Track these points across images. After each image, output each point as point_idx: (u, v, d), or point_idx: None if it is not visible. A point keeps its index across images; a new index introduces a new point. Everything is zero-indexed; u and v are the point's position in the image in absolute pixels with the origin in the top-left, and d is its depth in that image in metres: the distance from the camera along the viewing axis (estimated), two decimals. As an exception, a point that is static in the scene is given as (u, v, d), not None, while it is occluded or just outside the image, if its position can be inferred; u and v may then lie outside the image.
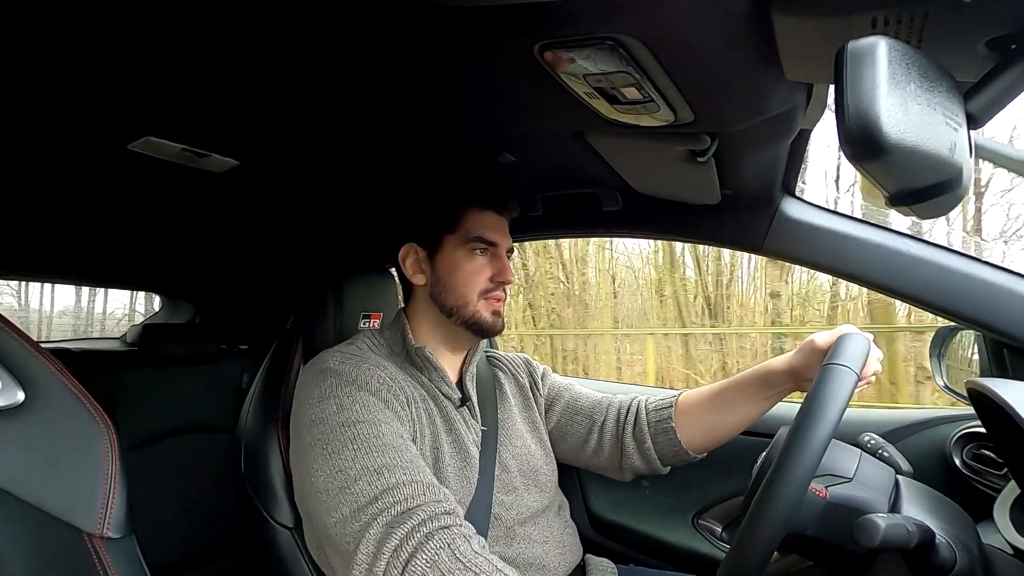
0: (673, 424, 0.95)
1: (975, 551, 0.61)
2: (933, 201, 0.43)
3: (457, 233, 0.89)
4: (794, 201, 1.05)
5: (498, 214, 0.92)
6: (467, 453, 0.86)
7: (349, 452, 0.70)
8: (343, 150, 0.92)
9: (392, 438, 0.72)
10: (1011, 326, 0.89)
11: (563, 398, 1.05)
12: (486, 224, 0.90)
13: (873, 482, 0.66)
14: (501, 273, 0.89)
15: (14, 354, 0.57)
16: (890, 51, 0.37)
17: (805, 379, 0.87)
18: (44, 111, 0.73)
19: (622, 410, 1.01)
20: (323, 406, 0.75)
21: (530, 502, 0.92)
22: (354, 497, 0.66)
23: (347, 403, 0.75)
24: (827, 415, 0.58)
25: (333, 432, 0.72)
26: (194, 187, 1.03)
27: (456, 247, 0.89)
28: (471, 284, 0.88)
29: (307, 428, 0.75)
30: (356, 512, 0.65)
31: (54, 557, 0.54)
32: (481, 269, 0.88)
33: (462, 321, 0.88)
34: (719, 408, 0.93)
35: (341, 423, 0.73)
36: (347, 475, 0.68)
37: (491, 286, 0.89)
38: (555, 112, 0.72)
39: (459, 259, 0.88)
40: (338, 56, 0.61)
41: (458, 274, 0.88)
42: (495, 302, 0.90)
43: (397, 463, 0.69)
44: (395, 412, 0.77)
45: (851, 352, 0.64)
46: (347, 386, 0.77)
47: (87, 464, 0.58)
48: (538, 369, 1.10)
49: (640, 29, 0.50)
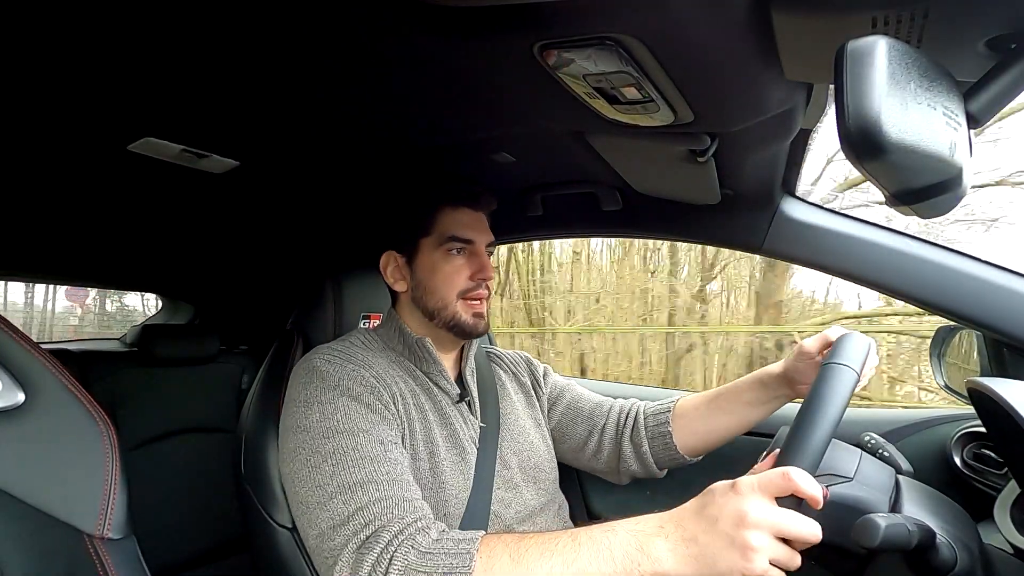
0: (670, 428, 0.96)
1: (975, 551, 0.61)
2: (933, 200, 0.44)
3: (432, 235, 0.88)
4: (794, 201, 1.05)
5: (472, 210, 0.90)
6: (463, 449, 0.86)
7: (328, 467, 0.71)
8: (342, 150, 0.92)
9: (371, 448, 0.73)
10: (1011, 326, 0.89)
11: (564, 398, 1.05)
12: (461, 222, 0.89)
13: (873, 482, 0.66)
14: (480, 271, 0.89)
15: (14, 355, 0.57)
16: (890, 51, 0.37)
17: (798, 383, 0.88)
18: (44, 112, 0.73)
19: (622, 415, 1.02)
20: (307, 412, 0.76)
21: (530, 499, 0.92)
22: (330, 514, 0.69)
23: (329, 411, 0.76)
24: (827, 414, 0.58)
25: (315, 443, 0.74)
26: (194, 188, 1.03)
27: (432, 249, 0.88)
28: (450, 285, 0.87)
29: (292, 432, 0.77)
30: (332, 529, 0.68)
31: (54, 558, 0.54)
32: (459, 269, 0.88)
33: (443, 323, 0.88)
34: (714, 413, 0.94)
35: (323, 433, 0.74)
36: (325, 491, 0.70)
37: (471, 285, 0.88)
38: (555, 112, 0.72)
39: (436, 261, 0.88)
40: (338, 56, 0.61)
41: (436, 276, 0.88)
42: (475, 303, 0.89)
43: (372, 478, 0.70)
44: (379, 414, 0.78)
45: (851, 351, 0.64)
46: (330, 391, 0.77)
47: (87, 465, 0.58)
48: (539, 368, 1.10)
49: (640, 29, 0.50)
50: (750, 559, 0.53)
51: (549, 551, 0.60)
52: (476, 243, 0.89)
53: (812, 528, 0.55)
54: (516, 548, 0.61)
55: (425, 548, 0.63)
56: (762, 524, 0.54)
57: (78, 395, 0.59)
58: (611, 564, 0.57)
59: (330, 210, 1.26)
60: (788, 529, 0.54)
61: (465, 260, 0.89)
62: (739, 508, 0.55)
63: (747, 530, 0.54)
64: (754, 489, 0.56)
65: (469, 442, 0.88)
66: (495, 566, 0.60)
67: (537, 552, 0.60)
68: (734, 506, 0.55)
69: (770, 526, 0.54)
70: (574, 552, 0.59)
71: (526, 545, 0.61)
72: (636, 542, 0.58)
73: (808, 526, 0.55)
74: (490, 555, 0.61)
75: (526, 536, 0.63)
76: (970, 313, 0.92)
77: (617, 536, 0.59)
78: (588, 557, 0.58)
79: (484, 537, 0.63)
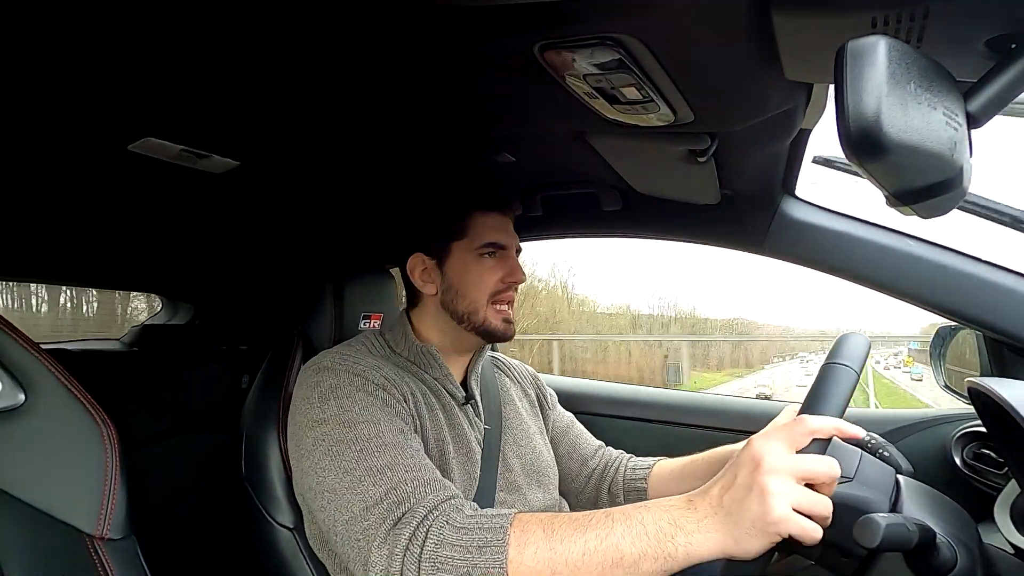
0: (645, 486, 1.00)
1: (975, 551, 0.61)
2: (933, 200, 0.43)
3: (466, 239, 0.89)
4: (794, 201, 1.05)
5: (502, 215, 0.92)
6: (470, 449, 0.87)
7: (353, 453, 0.71)
8: (342, 150, 0.92)
9: (392, 436, 0.73)
10: (1011, 326, 0.89)
11: (568, 435, 1.09)
12: (493, 227, 0.90)
13: (874, 482, 0.66)
14: (512, 274, 0.90)
15: (14, 355, 0.57)
16: (890, 51, 0.37)
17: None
18: (44, 112, 0.73)
19: (609, 466, 1.06)
20: (324, 406, 0.76)
21: (533, 501, 0.92)
22: (361, 496, 0.68)
23: (347, 404, 0.75)
24: (827, 414, 0.58)
25: (336, 432, 0.73)
26: (194, 188, 1.03)
27: (465, 252, 0.89)
28: (482, 288, 0.88)
29: (309, 428, 0.76)
30: (364, 511, 0.67)
31: (54, 558, 0.54)
32: (491, 271, 0.89)
33: (473, 327, 0.89)
34: (687, 479, 0.96)
35: (343, 423, 0.73)
36: (353, 476, 0.69)
37: (502, 287, 0.89)
38: (555, 112, 0.72)
39: (469, 264, 0.89)
40: (338, 56, 0.61)
41: (469, 279, 0.88)
42: (505, 306, 0.90)
43: (398, 461, 0.70)
44: (393, 409, 0.78)
45: (850, 351, 0.64)
46: (346, 386, 0.77)
47: (87, 465, 0.58)
48: (547, 391, 1.12)
49: (640, 29, 0.50)
50: (768, 504, 0.52)
51: (583, 526, 0.60)
52: (508, 248, 0.91)
53: (830, 464, 0.54)
54: (549, 524, 0.61)
55: (460, 524, 0.63)
56: (778, 467, 0.53)
57: (78, 395, 0.59)
58: (644, 539, 0.57)
59: (330, 210, 1.26)
60: (806, 468, 0.53)
61: (496, 263, 0.90)
62: (753, 455, 0.55)
63: (763, 475, 0.53)
64: (768, 437, 0.56)
65: (475, 443, 0.89)
66: (529, 540, 0.60)
67: (571, 527, 0.60)
68: (748, 454, 0.55)
69: (787, 467, 0.53)
70: (607, 527, 0.59)
71: (560, 521, 0.61)
72: (669, 517, 0.57)
73: (826, 463, 0.54)
74: (523, 530, 0.61)
75: (559, 514, 0.64)
76: (970, 313, 0.92)
77: (650, 512, 0.59)
78: (622, 532, 0.58)
79: (517, 514, 0.63)
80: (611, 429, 1.41)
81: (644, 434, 1.38)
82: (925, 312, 0.98)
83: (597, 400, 1.47)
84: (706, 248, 1.16)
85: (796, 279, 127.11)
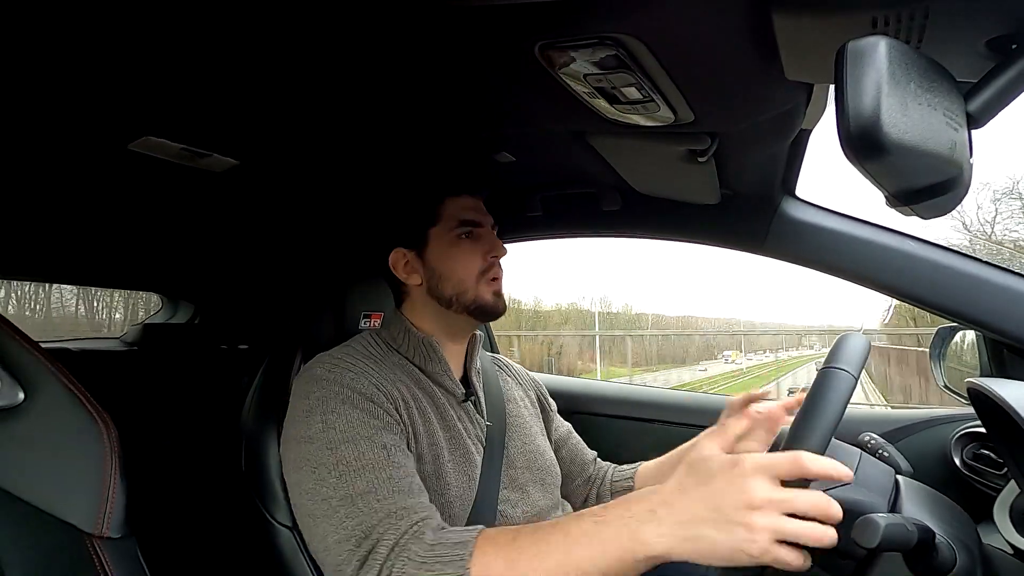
0: (632, 485, 1.04)
1: (975, 551, 0.61)
2: (934, 201, 0.44)
3: (440, 224, 0.90)
4: (794, 201, 1.05)
5: (472, 196, 0.93)
6: (467, 449, 0.86)
7: (332, 479, 0.72)
8: (342, 150, 0.93)
9: (373, 455, 0.73)
10: (1011, 326, 0.89)
11: (568, 443, 1.11)
12: (465, 207, 0.91)
13: (873, 482, 0.66)
14: (493, 248, 0.91)
15: (14, 354, 0.57)
16: (890, 51, 0.37)
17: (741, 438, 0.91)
18: (44, 111, 0.73)
19: (597, 473, 1.10)
20: (309, 421, 0.77)
21: (537, 500, 0.92)
22: (335, 527, 0.70)
23: (331, 420, 0.76)
24: (826, 418, 0.58)
25: (319, 454, 0.74)
26: (194, 187, 1.03)
27: (442, 237, 0.90)
28: (467, 267, 0.89)
29: (296, 443, 0.77)
30: (337, 544, 0.69)
31: (54, 557, 0.54)
32: (472, 250, 0.90)
33: (463, 307, 0.89)
34: (665, 474, 0.97)
35: (325, 443, 0.74)
36: (329, 504, 0.71)
37: (487, 263, 0.90)
38: (555, 112, 0.72)
39: (448, 248, 0.89)
40: (338, 56, 0.61)
41: (452, 262, 0.89)
42: (494, 281, 0.91)
43: (372, 487, 0.71)
44: (381, 420, 0.78)
45: (848, 354, 0.64)
46: (331, 399, 0.78)
47: (87, 464, 0.58)
48: (548, 397, 1.14)
49: (640, 29, 0.50)
50: (753, 539, 0.51)
51: (543, 551, 0.60)
52: (483, 224, 0.92)
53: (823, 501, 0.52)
54: (509, 551, 0.62)
55: (421, 558, 0.64)
56: (768, 506, 0.52)
57: (78, 394, 0.59)
58: (604, 558, 0.57)
59: (330, 209, 1.26)
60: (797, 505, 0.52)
61: (474, 242, 0.91)
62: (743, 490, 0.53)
63: (752, 513, 0.52)
64: (759, 471, 0.54)
65: (475, 441, 0.89)
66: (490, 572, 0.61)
67: (532, 552, 0.61)
68: (738, 488, 0.54)
69: (777, 506, 0.52)
70: (567, 549, 0.59)
71: (520, 545, 0.62)
72: (628, 531, 0.57)
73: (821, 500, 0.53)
74: (484, 561, 0.62)
75: (520, 533, 0.64)
76: (970, 313, 0.92)
77: (610, 528, 0.59)
78: (582, 553, 0.59)
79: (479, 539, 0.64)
80: (611, 429, 1.41)
81: (644, 434, 1.38)
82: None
83: (597, 400, 1.47)
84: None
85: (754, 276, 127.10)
